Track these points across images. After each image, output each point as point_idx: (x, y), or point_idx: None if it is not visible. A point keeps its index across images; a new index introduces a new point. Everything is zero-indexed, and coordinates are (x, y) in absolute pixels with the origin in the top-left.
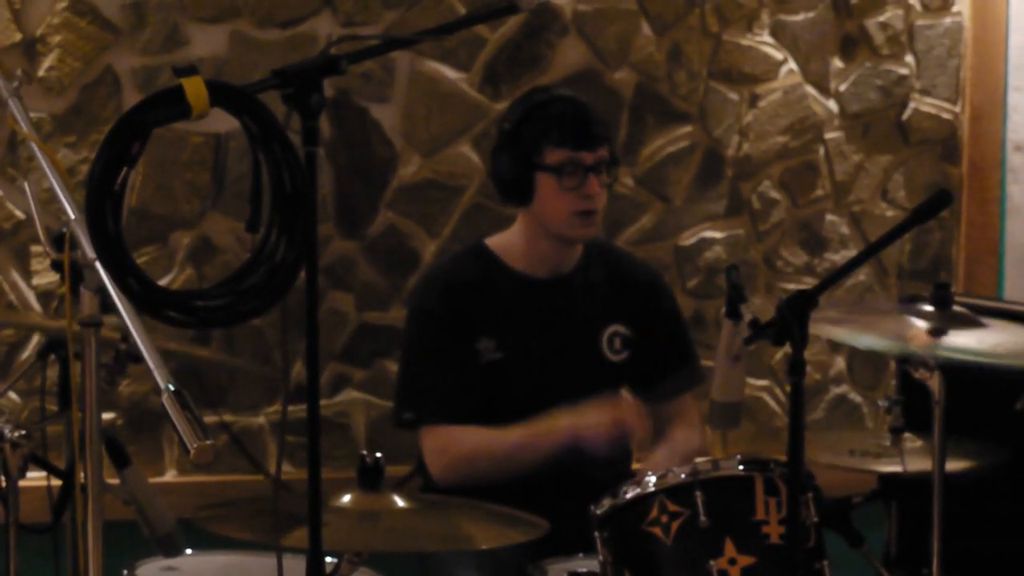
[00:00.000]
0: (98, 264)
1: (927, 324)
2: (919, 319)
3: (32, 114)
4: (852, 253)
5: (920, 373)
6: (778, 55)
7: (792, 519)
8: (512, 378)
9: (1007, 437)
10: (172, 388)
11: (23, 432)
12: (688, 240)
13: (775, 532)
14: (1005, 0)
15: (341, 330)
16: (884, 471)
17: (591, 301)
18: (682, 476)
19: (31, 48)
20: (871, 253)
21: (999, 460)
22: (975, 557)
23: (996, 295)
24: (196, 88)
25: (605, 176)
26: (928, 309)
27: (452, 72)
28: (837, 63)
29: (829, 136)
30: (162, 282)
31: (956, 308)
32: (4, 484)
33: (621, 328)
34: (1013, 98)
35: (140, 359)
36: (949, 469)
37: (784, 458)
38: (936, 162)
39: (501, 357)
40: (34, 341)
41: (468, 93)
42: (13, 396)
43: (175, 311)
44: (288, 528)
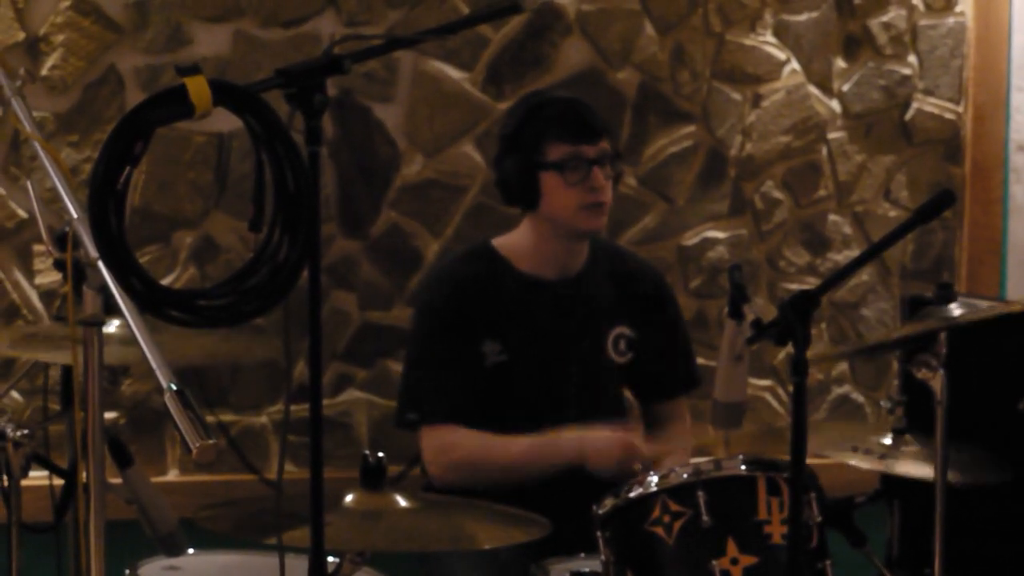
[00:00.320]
0: (101, 263)
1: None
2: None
3: (35, 113)
4: (855, 253)
5: (923, 373)
6: (781, 55)
7: (794, 519)
8: (517, 381)
9: (1009, 438)
10: (174, 387)
11: (26, 431)
12: (691, 240)
13: (777, 532)
14: (1008, 0)
15: (344, 330)
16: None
17: (597, 303)
18: (684, 476)
19: (34, 47)
20: (874, 253)
21: (1003, 479)
22: (977, 557)
23: (998, 295)
24: (199, 87)
25: (609, 168)
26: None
27: (455, 72)
28: (840, 63)
29: (832, 136)
30: (165, 281)
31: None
32: (7, 483)
33: (626, 330)
34: (1016, 98)
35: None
36: (952, 481)
37: (786, 458)
38: (939, 162)
39: (506, 360)
40: None
41: (471, 93)
42: (16, 395)
43: (178, 310)
44: (290, 527)
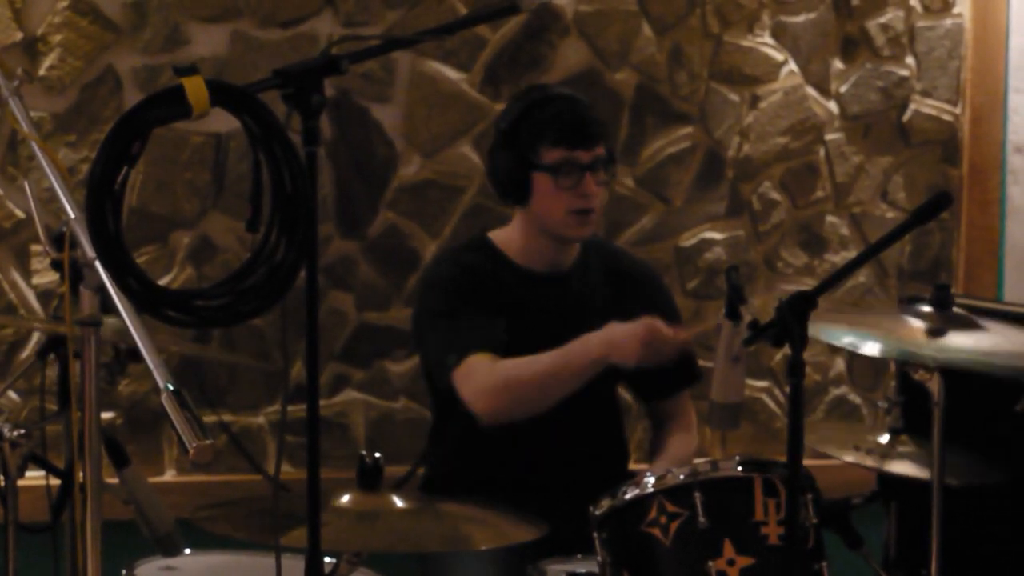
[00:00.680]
0: (98, 263)
1: (927, 325)
2: (918, 320)
3: (33, 113)
4: (852, 254)
5: (920, 375)
6: (779, 56)
7: (791, 520)
8: None
9: (1007, 440)
10: (172, 388)
11: (22, 431)
12: (688, 241)
13: (774, 533)
14: (1006, 2)
15: (341, 330)
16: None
17: (589, 298)
18: (681, 477)
19: (32, 47)
20: (871, 254)
21: (998, 480)
22: (974, 559)
23: (996, 297)
24: (197, 88)
25: (602, 174)
26: (928, 310)
27: (453, 72)
28: (838, 64)
29: (829, 137)
30: (162, 282)
31: (956, 310)
32: (3, 483)
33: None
34: (1014, 100)
35: (140, 358)
36: (949, 483)
37: (783, 459)
38: (936, 163)
39: (506, 343)
40: (34, 340)
41: (469, 93)
42: (12, 395)
43: (175, 311)
44: (287, 528)
